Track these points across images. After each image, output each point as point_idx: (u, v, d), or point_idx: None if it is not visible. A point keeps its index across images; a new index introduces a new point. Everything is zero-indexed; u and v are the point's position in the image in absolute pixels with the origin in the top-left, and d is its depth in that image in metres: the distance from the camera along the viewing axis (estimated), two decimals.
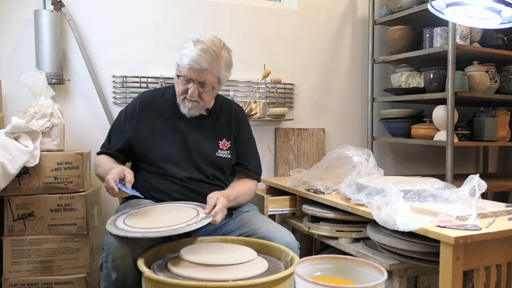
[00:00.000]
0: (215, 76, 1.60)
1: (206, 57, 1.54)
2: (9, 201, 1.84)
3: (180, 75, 1.58)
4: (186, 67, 1.55)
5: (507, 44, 2.66)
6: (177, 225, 1.32)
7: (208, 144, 1.70)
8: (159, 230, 1.30)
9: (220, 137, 1.73)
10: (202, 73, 1.56)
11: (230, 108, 1.80)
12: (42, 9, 2.15)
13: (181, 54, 1.56)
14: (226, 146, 1.72)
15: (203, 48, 1.54)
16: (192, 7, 2.48)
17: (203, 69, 1.55)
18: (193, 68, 1.55)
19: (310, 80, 2.78)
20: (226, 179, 1.73)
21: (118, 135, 1.72)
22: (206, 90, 1.60)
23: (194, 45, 1.54)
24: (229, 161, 1.73)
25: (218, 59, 1.57)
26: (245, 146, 1.79)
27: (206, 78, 1.57)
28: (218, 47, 1.58)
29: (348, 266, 0.93)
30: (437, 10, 1.32)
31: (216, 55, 1.56)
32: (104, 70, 2.32)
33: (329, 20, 2.82)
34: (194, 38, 1.57)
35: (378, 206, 1.51)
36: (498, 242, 1.36)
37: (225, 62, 1.61)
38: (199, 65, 1.54)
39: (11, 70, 2.14)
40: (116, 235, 1.30)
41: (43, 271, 1.86)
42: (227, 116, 1.77)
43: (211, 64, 1.55)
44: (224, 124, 1.75)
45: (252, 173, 1.78)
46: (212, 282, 1.15)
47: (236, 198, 1.63)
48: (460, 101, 2.44)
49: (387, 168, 2.79)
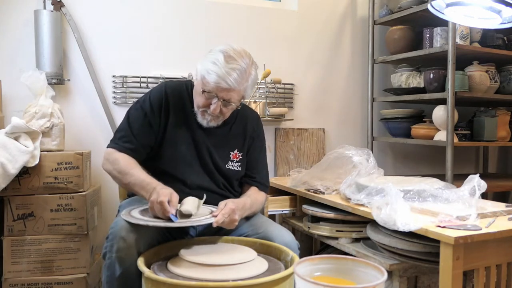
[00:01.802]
0: (241, 95, 1.52)
1: (236, 76, 1.45)
2: (9, 201, 1.83)
3: (205, 91, 1.48)
4: (213, 84, 1.45)
5: (507, 44, 2.65)
6: (180, 220, 1.35)
7: (219, 154, 1.63)
8: (163, 222, 1.33)
9: (232, 147, 1.65)
10: (229, 92, 1.47)
11: (246, 116, 1.71)
12: (42, 9, 2.15)
13: (209, 68, 1.45)
14: (237, 158, 1.65)
15: (233, 67, 1.45)
16: (192, 7, 2.48)
17: (231, 88, 1.46)
18: (220, 86, 1.45)
19: (310, 80, 2.78)
20: (234, 190, 1.68)
21: (146, 127, 1.56)
22: (229, 108, 1.54)
23: (225, 62, 1.44)
24: (238, 174, 1.67)
25: (246, 78, 1.49)
26: (256, 156, 1.71)
27: (232, 97, 1.49)
28: (248, 64, 1.49)
29: (348, 266, 0.93)
30: (437, 10, 1.32)
31: (245, 74, 1.48)
32: (104, 70, 2.32)
33: (329, 20, 2.82)
34: (224, 52, 1.46)
35: (378, 206, 1.51)
36: (498, 242, 1.36)
37: (252, 79, 1.52)
38: (228, 84, 1.45)
39: (11, 70, 2.14)
40: (127, 221, 1.33)
41: (43, 271, 1.86)
42: (242, 125, 1.69)
43: (239, 84, 1.47)
44: (238, 134, 1.67)
45: (260, 185, 1.70)
46: (212, 282, 1.15)
47: (252, 207, 1.57)
48: (460, 101, 2.44)
49: (387, 168, 2.79)
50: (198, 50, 2.47)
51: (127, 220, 1.35)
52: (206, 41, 2.49)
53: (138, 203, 1.53)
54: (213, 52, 1.49)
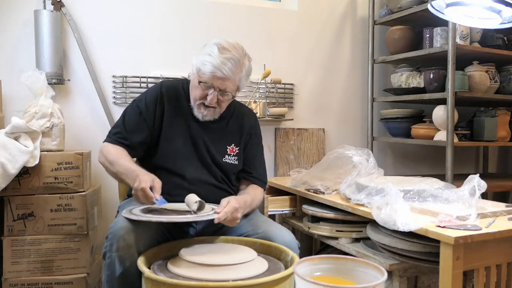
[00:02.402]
0: (236, 85, 1.58)
1: (230, 65, 1.51)
2: (9, 201, 1.83)
3: (201, 81, 1.53)
4: (208, 74, 1.51)
5: (507, 44, 2.65)
6: (182, 216, 1.37)
7: (216, 148, 1.66)
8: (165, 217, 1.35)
9: (229, 142, 1.69)
10: (225, 81, 1.53)
11: (243, 113, 1.76)
12: (42, 9, 2.15)
13: (204, 60, 1.52)
14: (234, 152, 1.69)
15: (227, 57, 1.51)
16: (192, 7, 2.48)
17: (226, 77, 1.52)
18: (216, 76, 1.51)
19: (310, 80, 2.78)
20: (231, 184, 1.70)
21: (140, 124, 1.60)
22: (226, 98, 1.58)
23: (219, 53, 1.51)
24: (235, 168, 1.69)
25: (240, 68, 1.55)
26: (253, 153, 1.75)
27: (228, 86, 1.54)
28: (241, 55, 1.56)
29: (348, 266, 0.93)
30: (437, 10, 1.32)
31: (239, 64, 1.54)
32: (104, 70, 2.32)
33: (329, 20, 2.82)
34: (218, 44, 1.53)
35: (378, 206, 1.51)
36: (498, 242, 1.36)
37: (246, 70, 1.59)
38: (223, 73, 1.51)
39: (11, 70, 2.14)
40: (129, 218, 1.35)
41: (43, 271, 1.86)
42: (239, 121, 1.73)
43: (234, 73, 1.53)
44: (234, 129, 1.71)
45: (257, 180, 1.73)
46: (212, 282, 1.15)
47: (252, 203, 1.60)
48: (460, 101, 2.44)
49: (387, 168, 2.79)
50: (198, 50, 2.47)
51: (129, 218, 1.35)
52: (206, 40, 2.47)
53: (137, 203, 1.53)
54: (208, 45, 1.56)
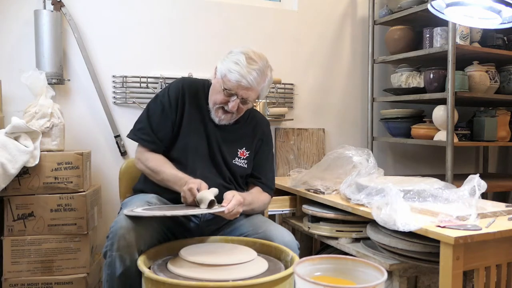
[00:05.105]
0: (257, 94, 1.63)
1: (256, 76, 1.56)
2: (9, 201, 1.83)
3: (226, 88, 1.58)
4: (234, 82, 1.56)
5: (507, 44, 2.66)
6: (188, 209, 1.40)
7: (227, 149, 1.70)
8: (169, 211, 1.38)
9: (240, 145, 1.73)
10: (248, 90, 1.58)
11: (257, 119, 1.81)
12: (42, 9, 2.15)
13: (231, 68, 1.56)
14: (244, 155, 1.72)
15: (254, 68, 1.56)
16: (192, 7, 2.48)
17: (251, 87, 1.57)
18: (241, 85, 1.56)
19: (310, 80, 2.78)
20: (239, 186, 1.72)
21: (163, 121, 1.66)
22: (246, 106, 1.64)
23: (247, 63, 1.55)
24: (244, 171, 1.72)
25: (264, 78, 1.60)
26: (263, 159, 1.78)
27: (250, 95, 1.60)
28: (265, 66, 1.61)
29: (348, 266, 0.93)
30: (437, 10, 1.32)
31: (263, 75, 1.59)
32: (104, 70, 2.32)
33: (329, 20, 2.82)
34: (245, 54, 1.57)
35: (378, 206, 1.51)
36: (498, 242, 1.36)
37: (268, 80, 1.64)
38: (248, 83, 1.55)
39: (11, 70, 2.14)
40: (128, 215, 1.37)
41: (43, 271, 1.86)
42: (252, 126, 1.77)
43: (258, 83, 1.58)
44: (247, 134, 1.75)
45: (265, 186, 1.74)
46: (212, 282, 1.15)
47: (251, 204, 1.61)
48: (460, 101, 2.44)
49: (387, 168, 2.79)
50: (198, 50, 2.48)
51: (131, 215, 1.36)
52: (206, 41, 2.50)
53: (141, 201, 1.54)
54: (234, 53, 1.60)
